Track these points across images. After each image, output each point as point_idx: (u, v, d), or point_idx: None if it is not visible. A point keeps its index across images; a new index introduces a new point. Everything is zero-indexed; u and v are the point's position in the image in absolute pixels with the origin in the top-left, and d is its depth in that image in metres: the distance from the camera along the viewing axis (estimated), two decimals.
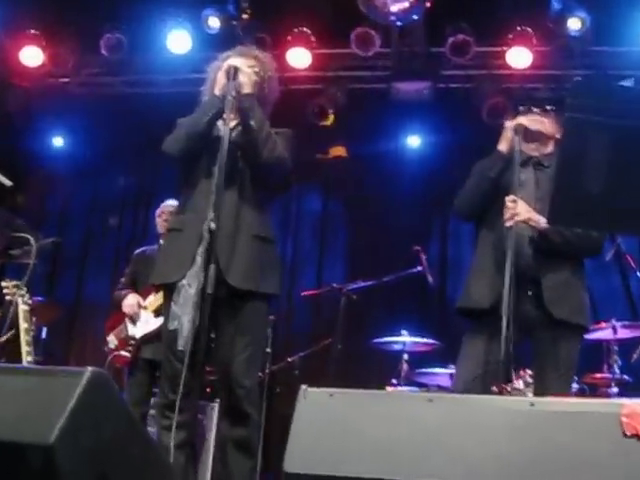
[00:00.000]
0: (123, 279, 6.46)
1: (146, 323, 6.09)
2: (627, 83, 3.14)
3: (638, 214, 2.82)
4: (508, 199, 4.10)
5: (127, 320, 6.19)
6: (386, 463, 2.29)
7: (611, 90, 2.99)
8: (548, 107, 4.33)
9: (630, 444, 2.23)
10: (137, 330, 6.13)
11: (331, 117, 8.64)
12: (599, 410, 2.31)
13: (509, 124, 4.29)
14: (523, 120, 4.27)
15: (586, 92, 2.83)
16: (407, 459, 2.29)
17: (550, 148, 4.39)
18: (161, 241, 6.22)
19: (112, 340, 6.27)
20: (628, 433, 2.25)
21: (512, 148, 4.23)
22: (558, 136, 4.28)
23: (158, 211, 6.48)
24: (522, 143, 4.30)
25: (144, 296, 6.17)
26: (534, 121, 4.33)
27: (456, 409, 2.36)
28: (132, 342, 6.12)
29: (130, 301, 6.15)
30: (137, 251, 6.57)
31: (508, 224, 4.06)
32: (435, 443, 2.30)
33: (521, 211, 4.07)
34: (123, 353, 6.14)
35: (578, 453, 2.23)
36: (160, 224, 6.36)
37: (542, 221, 4.07)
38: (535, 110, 4.35)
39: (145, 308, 6.13)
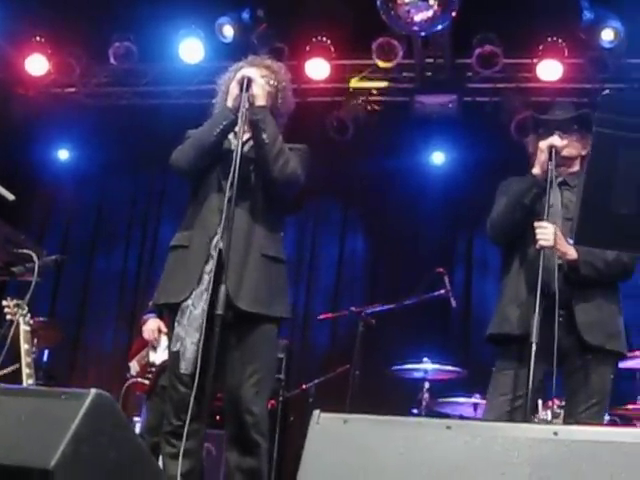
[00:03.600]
0: (150, 303, 6.43)
1: (166, 349, 6.07)
2: None
3: None
4: (537, 224, 4.10)
5: (149, 346, 6.21)
6: None
7: None
8: (574, 126, 4.32)
9: None
10: (157, 356, 6.14)
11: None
12: (627, 440, 2.31)
13: (543, 145, 4.22)
14: (555, 141, 4.22)
15: (615, 106, 2.85)
16: None
17: (576, 167, 4.39)
18: None
19: (134, 366, 6.29)
20: None
21: (546, 171, 4.17)
22: (584, 153, 4.29)
23: None
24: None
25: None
26: (565, 145, 4.30)
27: (475, 437, 2.36)
28: (152, 369, 6.14)
29: (150, 326, 6.12)
30: None
31: (538, 246, 4.06)
32: (453, 472, 2.31)
33: (549, 237, 4.06)
34: (142, 380, 6.17)
35: None
36: None
37: (570, 252, 4.08)
38: (557, 132, 4.33)
39: (167, 334, 6.11)
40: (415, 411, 6.71)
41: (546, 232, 4.03)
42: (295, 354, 8.39)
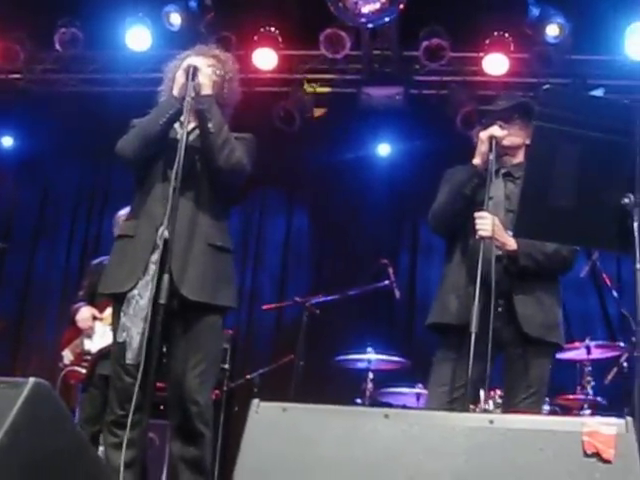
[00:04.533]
0: (81, 292, 6.36)
1: (102, 337, 5.98)
2: (597, 93, 3.22)
3: (607, 228, 2.89)
4: (477, 215, 4.12)
5: (83, 334, 6.12)
6: None
7: (581, 100, 3.06)
8: (515, 116, 4.35)
9: (590, 464, 2.29)
10: (93, 344, 6.06)
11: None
12: (560, 428, 2.37)
13: (483, 135, 4.24)
14: (495, 131, 4.23)
15: (556, 101, 2.90)
16: (361, 477, 2.33)
17: (520, 157, 4.39)
18: None
19: (67, 355, 6.19)
20: (589, 452, 2.31)
21: (486, 161, 4.19)
22: (528, 142, 4.21)
23: (117, 217, 6.40)
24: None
25: (102, 308, 6.06)
26: (506, 135, 4.33)
27: (412, 425, 2.40)
28: (88, 357, 6.06)
29: (83, 315, 6.07)
30: (94, 262, 6.47)
31: (477, 237, 4.08)
32: (391, 461, 2.34)
33: (488, 227, 4.08)
34: (77, 369, 6.08)
35: (537, 472, 2.29)
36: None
37: (510, 243, 4.11)
38: (499, 123, 4.35)
39: (101, 320, 6.06)
40: (359, 401, 6.75)
41: (485, 222, 4.06)
42: (240, 344, 8.38)
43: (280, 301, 7.89)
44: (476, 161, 4.25)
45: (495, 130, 4.24)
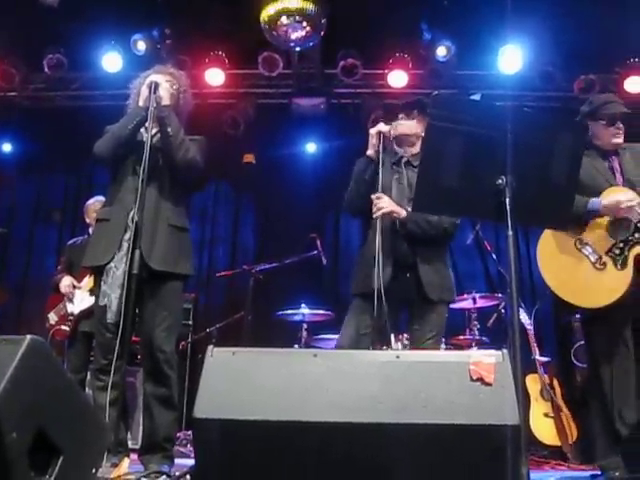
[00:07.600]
0: (59, 266, 6.36)
1: (82, 301, 6.02)
2: (475, 97, 3.24)
3: (485, 203, 2.93)
4: (373, 196, 4.12)
5: (65, 299, 6.09)
6: (278, 407, 2.33)
7: (463, 103, 3.09)
8: (414, 111, 4.34)
9: (475, 386, 2.33)
10: (75, 307, 6.04)
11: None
12: (451, 360, 2.40)
13: (372, 131, 4.23)
14: (382, 127, 4.22)
15: (443, 104, 2.92)
16: (296, 403, 2.34)
17: (418, 148, 4.33)
18: (90, 230, 6.11)
19: (52, 317, 6.16)
20: (474, 377, 2.35)
21: (377, 151, 4.18)
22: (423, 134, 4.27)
23: (86, 206, 6.35)
24: (391, 145, 4.33)
25: (80, 278, 6.07)
26: (399, 126, 4.34)
27: (336, 362, 2.41)
28: (70, 318, 6.04)
29: (65, 282, 6.06)
30: (70, 242, 6.48)
31: (375, 216, 4.07)
32: (319, 389, 2.35)
33: (384, 205, 4.09)
34: (63, 327, 6.06)
35: (434, 394, 2.32)
36: (89, 216, 6.21)
37: (402, 213, 4.12)
38: (401, 115, 4.36)
39: (80, 288, 6.05)
40: (296, 346, 6.75)
41: (382, 201, 4.08)
42: (200, 304, 8.31)
43: (231, 269, 7.83)
44: (369, 152, 4.24)
45: (381, 126, 4.25)
